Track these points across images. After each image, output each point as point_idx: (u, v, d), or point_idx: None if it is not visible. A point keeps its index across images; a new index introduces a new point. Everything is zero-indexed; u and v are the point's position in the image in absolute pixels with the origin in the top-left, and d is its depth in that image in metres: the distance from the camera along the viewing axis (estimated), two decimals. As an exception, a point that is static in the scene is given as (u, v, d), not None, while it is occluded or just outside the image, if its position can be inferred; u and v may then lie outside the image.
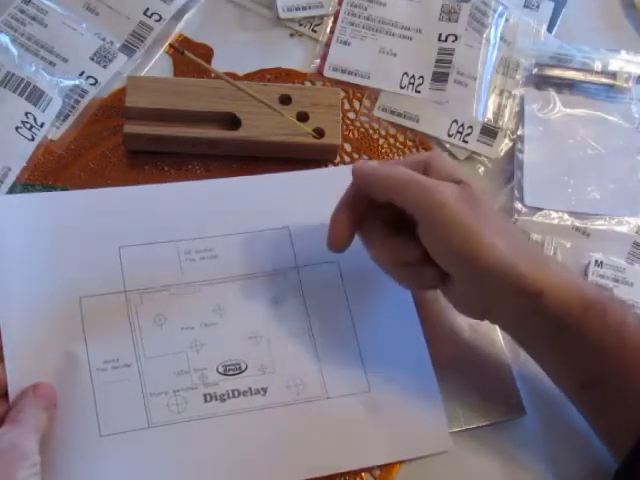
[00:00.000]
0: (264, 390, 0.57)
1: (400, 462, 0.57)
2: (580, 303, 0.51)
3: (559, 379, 0.55)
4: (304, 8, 0.72)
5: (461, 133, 0.69)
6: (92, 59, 0.67)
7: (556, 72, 0.72)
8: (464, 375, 0.59)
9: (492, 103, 0.71)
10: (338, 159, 0.67)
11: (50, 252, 0.58)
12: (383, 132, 0.69)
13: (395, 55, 0.71)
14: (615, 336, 0.50)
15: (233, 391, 0.56)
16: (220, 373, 0.57)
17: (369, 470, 0.56)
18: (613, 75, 0.72)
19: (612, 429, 0.53)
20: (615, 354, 0.50)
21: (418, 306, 0.60)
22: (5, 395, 0.53)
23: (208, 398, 0.56)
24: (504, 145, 0.70)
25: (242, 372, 0.57)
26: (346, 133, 0.68)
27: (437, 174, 0.53)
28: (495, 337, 0.61)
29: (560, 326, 0.51)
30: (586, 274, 0.65)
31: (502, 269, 0.50)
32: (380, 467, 0.56)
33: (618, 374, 0.51)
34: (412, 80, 0.71)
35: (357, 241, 0.57)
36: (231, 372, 0.57)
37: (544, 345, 0.54)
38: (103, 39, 0.68)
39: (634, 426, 0.50)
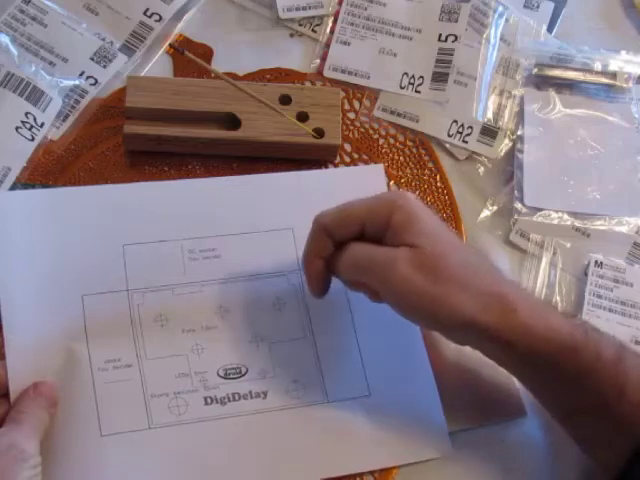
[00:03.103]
0: (264, 394, 0.57)
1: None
2: (552, 347, 0.50)
3: (543, 405, 0.55)
4: (304, 8, 0.72)
5: (461, 133, 0.69)
6: (92, 59, 0.67)
7: (556, 72, 0.72)
8: (464, 375, 0.59)
9: (492, 103, 0.71)
10: (338, 159, 0.67)
11: (53, 249, 0.58)
12: (383, 132, 0.69)
13: (395, 55, 0.71)
14: (591, 373, 0.50)
15: (234, 394, 0.56)
16: (221, 377, 0.57)
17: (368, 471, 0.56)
18: (613, 75, 0.72)
19: (599, 450, 0.53)
20: (592, 390, 0.50)
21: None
22: (6, 395, 0.53)
23: (209, 401, 0.56)
24: (504, 145, 0.70)
25: (242, 376, 0.57)
26: (346, 133, 0.68)
27: (395, 234, 0.52)
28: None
29: (533, 368, 0.52)
30: (586, 274, 0.65)
31: (465, 326, 0.50)
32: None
33: (597, 407, 0.51)
34: (412, 80, 0.71)
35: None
36: (232, 376, 0.57)
37: (521, 380, 0.55)
38: (103, 39, 0.68)
39: (620, 447, 0.50)
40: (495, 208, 0.68)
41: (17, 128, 0.63)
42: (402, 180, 0.67)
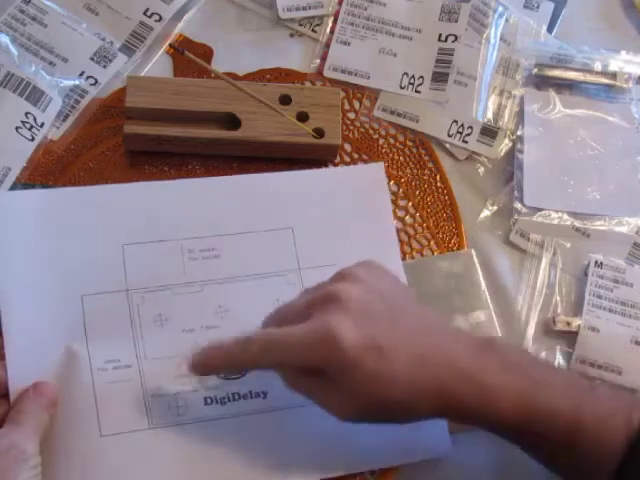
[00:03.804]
0: (264, 394, 0.57)
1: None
2: (517, 418, 0.49)
3: None
4: (304, 8, 0.72)
5: (461, 133, 0.69)
6: (92, 59, 0.67)
7: (556, 72, 0.72)
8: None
9: (492, 103, 0.71)
10: (338, 159, 0.67)
11: (52, 249, 0.58)
12: (383, 132, 0.69)
13: (395, 55, 0.71)
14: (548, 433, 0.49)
15: (233, 394, 0.56)
16: (220, 377, 0.57)
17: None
18: (613, 75, 0.72)
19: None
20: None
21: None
22: (6, 395, 0.53)
23: (209, 401, 0.56)
24: (504, 145, 0.70)
25: (242, 375, 0.57)
26: (346, 133, 0.68)
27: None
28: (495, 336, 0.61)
29: (498, 433, 0.51)
30: (586, 274, 0.65)
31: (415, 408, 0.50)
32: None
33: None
34: (412, 80, 0.71)
35: (349, 244, 0.57)
36: (231, 376, 0.57)
37: None
38: (103, 39, 0.68)
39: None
40: (495, 208, 0.68)
41: (17, 128, 0.63)
42: (402, 180, 0.67)
